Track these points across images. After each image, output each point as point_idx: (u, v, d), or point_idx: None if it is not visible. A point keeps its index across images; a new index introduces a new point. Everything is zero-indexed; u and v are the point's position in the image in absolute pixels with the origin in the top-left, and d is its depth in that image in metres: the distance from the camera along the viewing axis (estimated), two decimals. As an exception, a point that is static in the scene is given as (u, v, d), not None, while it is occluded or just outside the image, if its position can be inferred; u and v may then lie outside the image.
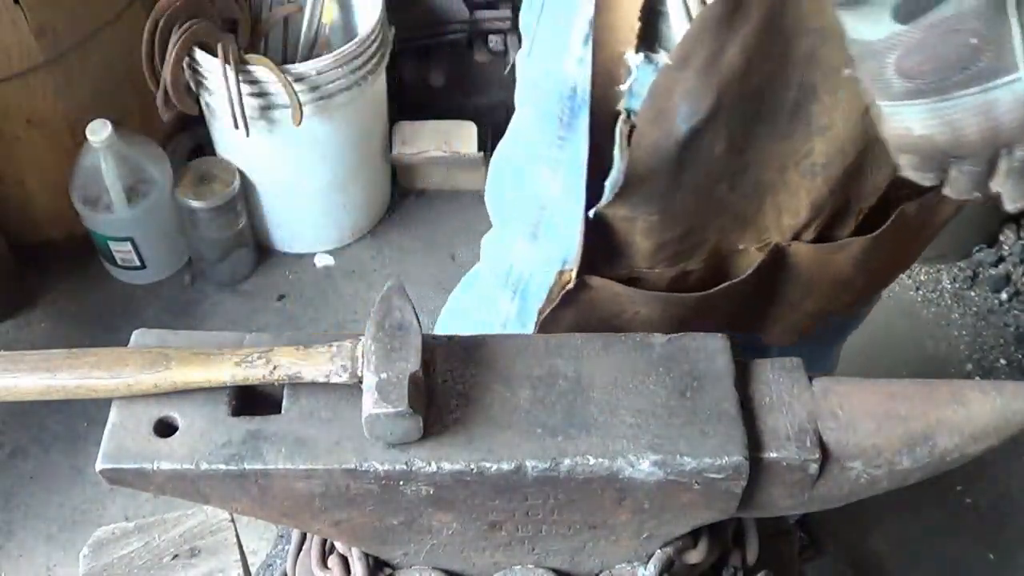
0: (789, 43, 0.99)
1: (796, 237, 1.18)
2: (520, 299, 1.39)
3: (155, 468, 0.88)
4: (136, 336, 0.97)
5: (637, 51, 1.01)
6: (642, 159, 1.05)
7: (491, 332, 1.26)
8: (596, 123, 1.06)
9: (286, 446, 0.88)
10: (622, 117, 1.05)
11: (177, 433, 0.90)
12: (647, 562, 1.00)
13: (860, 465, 0.92)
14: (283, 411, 0.91)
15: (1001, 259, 2.76)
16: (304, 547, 1.09)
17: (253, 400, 0.93)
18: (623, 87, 1.03)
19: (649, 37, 1.02)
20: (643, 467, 0.88)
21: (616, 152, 1.07)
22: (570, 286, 1.16)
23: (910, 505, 2.27)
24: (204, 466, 0.88)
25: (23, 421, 2.37)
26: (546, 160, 1.23)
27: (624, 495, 0.91)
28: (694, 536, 1.01)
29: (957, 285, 2.74)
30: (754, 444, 0.90)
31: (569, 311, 1.20)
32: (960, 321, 2.66)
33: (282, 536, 1.72)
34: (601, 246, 1.15)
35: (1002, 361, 2.57)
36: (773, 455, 0.90)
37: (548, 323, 1.22)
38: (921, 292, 2.73)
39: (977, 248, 2.78)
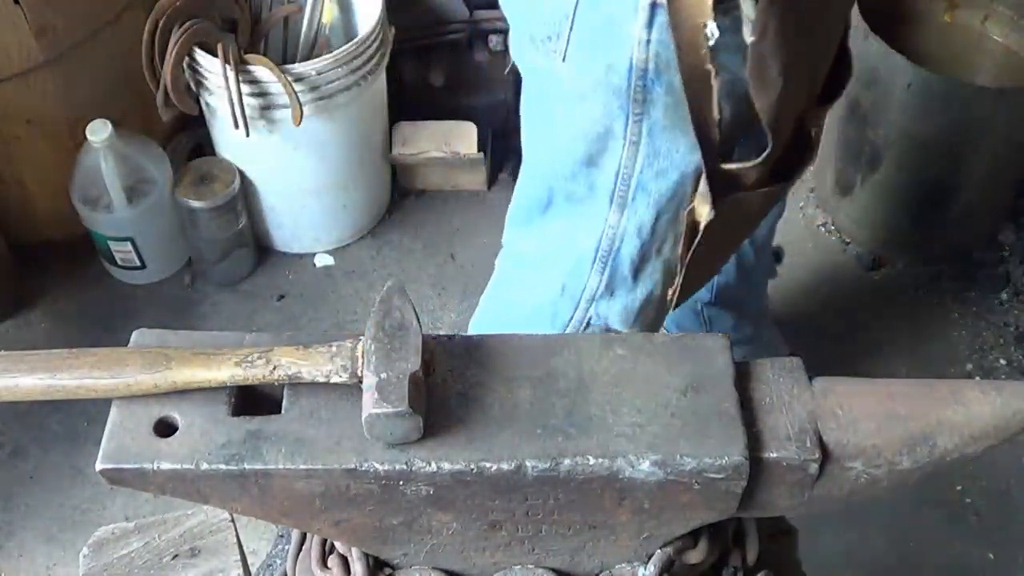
0: None
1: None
2: (610, 269, 1.46)
3: (155, 468, 0.88)
4: (136, 336, 0.97)
5: (715, 19, 1.11)
6: (771, 121, 1.16)
7: (564, 316, 1.52)
8: (688, 85, 1.17)
9: (286, 446, 0.88)
10: (713, 75, 1.13)
11: (177, 433, 0.90)
12: (647, 562, 1.00)
13: (860, 465, 0.92)
14: (283, 411, 0.91)
15: (1001, 259, 2.76)
16: (304, 547, 1.09)
17: (253, 400, 0.93)
18: (705, 51, 1.12)
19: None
20: (643, 467, 0.88)
21: (714, 104, 1.16)
22: (711, 216, 1.24)
23: (910, 505, 2.27)
24: (204, 466, 0.88)
25: (23, 421, 2.37)
26: (623, 139, 1.33)
27: (624, 495, 0.91)
28: (694, 536, 1.01)
29: (957, 285, 2.74)
30: (754, 444, 0.90)
31: (706, 238, 1.28)
32: (960, 321, 2.66)
33: (282, 536, 1.72)
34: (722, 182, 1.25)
35: (1002, 361, 2.57)
36: (773, 455, 0.90)
37: (696, 258, 1.31)
38: (921, 292, 2.73)
39: (977, 248, 2.78)
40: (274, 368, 0.89)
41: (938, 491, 2.30)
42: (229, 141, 2.45)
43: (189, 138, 2.69)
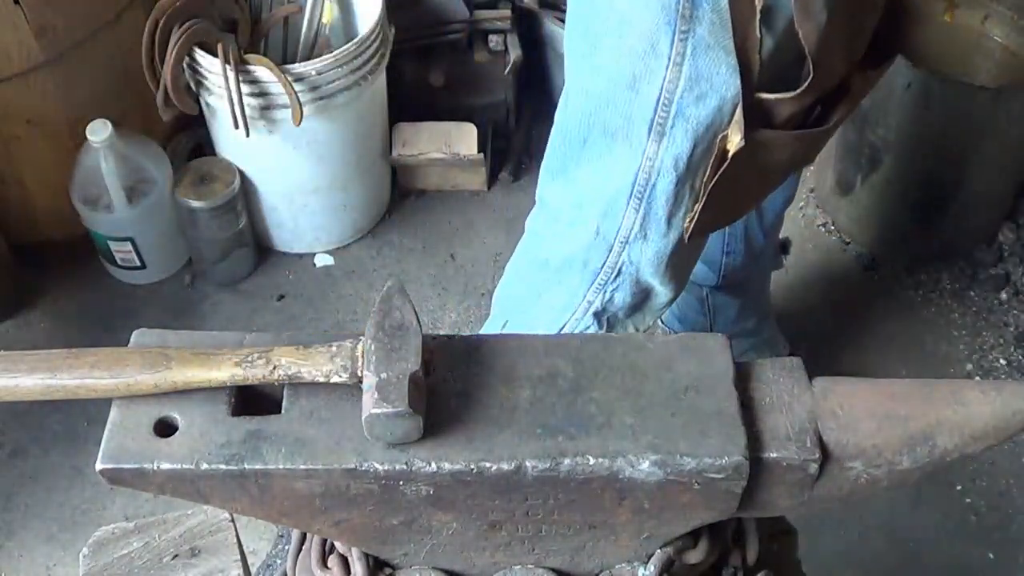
0: None
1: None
2: (645, 206, 1.45)
3: (155, 468, 0.88)
4: (136, 336, 0.97)
5: None
6: (814, 51, 1.20)
7: (590, 261, 1.52)
8: (734, 3, 1.21)
9: (286, 446, 0.88)
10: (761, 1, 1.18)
11: (177, 433, 0.90)
12: (647, 562, 1.00)
13: (860, 465, 0.92)
14: (283, 411, 0.91)
15: (1001, 259, 2.76)
16: (304, 547, 1.09)
17: (253, 400, 0.93)
18: None
19: None
20: (643, 467, 0.88)
21: (757, 25, 1.21)
22: (740, 144, 1.27)
23: (910, 505, 2.27)
24: (204, 466, 0.88)
25: (23, 421, 2.37)
26: (667, 58, 1.32)
27: (624, 495, 0.91)
28: (694, 536, 1.01)
29: (957, 285, 2.74)
30: (754, 444, 0.90)
31: (732, 170, 1.32)
32: (960, 321, 2.66)
33: (282, 536, 1.73)
34: (757, 115, 1.29)
35: (1002, 361, 2.57)
36: (773, 455, 0.90)
37: (719, 191, 1.34)
38: (921, 292, 2.73)
39: (977, 248, 2.78)
40: (274, 368, 0.89)
41: (938, 491, 2.30)
42: (229, 141, 2.45)
43: (189, 138, 2.69)
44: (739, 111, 1.27)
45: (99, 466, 0.88)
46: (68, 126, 2.39)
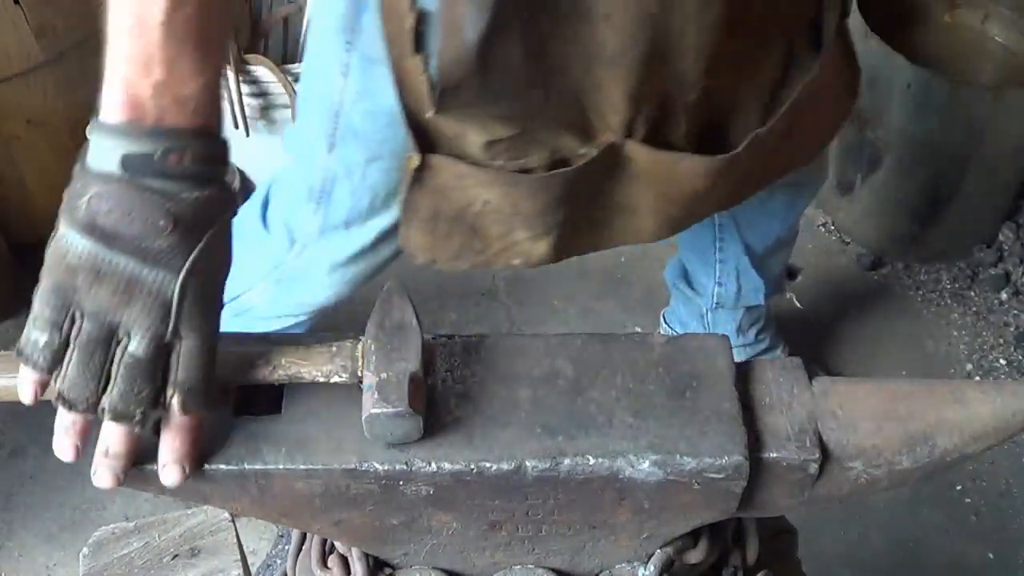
0: None
1: (629, 135, 1.20)
2: (324, 209, 1.46)
3: (155, 468, 0.88)
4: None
5: None
6: (447, 69, 1.09)
7: (274, 258, 1.57)
8: (388, 22, 1.12)
9: (286, 446, 0.88)
10: (409, 17, 1.10)
11: (177, 433, 0.89)
12: (647, 562, 1.00)
13: (860, 465, 0.92)
14: (283, 411, 0.91)
15: (1001, 259, 2.76)
16: (304, 547, 1.09)
17: (253, 400, 0.93)
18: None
19: None
20: (643, 467, 0.88)
21: (412, 44, 1.11)
22: (414, 165, 1.20)
23: (910, 505, 2.27)
24: (204, 466, 0.88)
25: (23, 421, 2.37)
26: (338, 68, 1.29)
27: (624, 495, 0.91)
28: (694, 536, 1.01)
29: (957, 285, 2.74)
30: (754, 444, 0.90)
31: (422, 197, 1.24)
32: (960, 321, 2.66)
33: (282, 536, 1.72)
34: (436, 137, 1.19)
35: (1002, 361, 2.57)
36: (773, 455, 0.90)
37: (407, 210, 1.27)
38: (921, 292, 2.73)
39: (977, 248, 2.78)
40: (274, 368, 0.89)
41: (938, 491, 2.30)
42: (229, 141, 2.45)
43: (189, 138, 2.69)
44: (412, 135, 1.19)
45: (99, 466, 0.88)
46: (68, 126, 2.39)
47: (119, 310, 0.80)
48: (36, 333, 0.85)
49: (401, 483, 0.89)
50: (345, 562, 1.02)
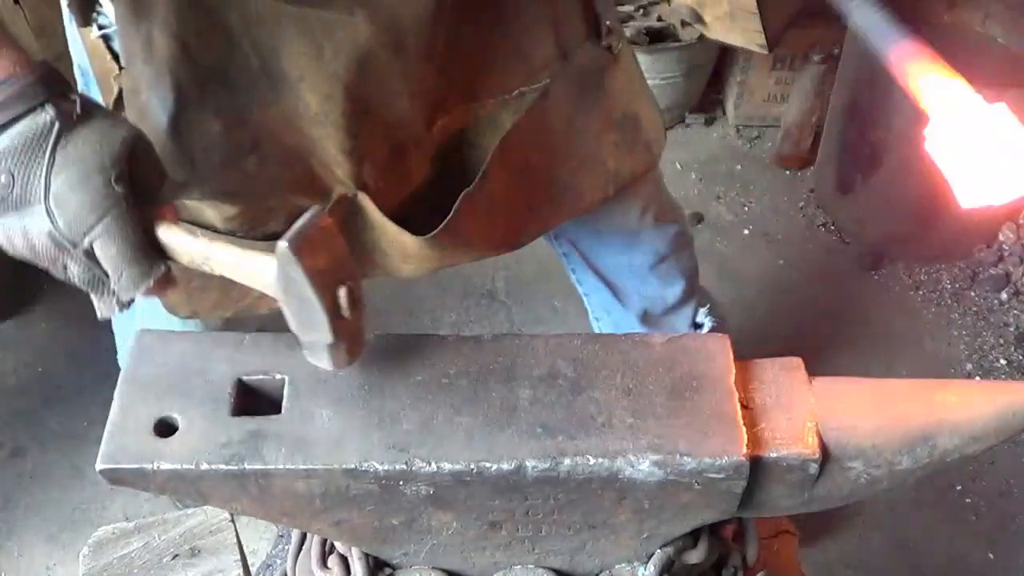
0: (217, 14, 1.03)
1: (363, 188, 1.20)
2: None
3: (155, 468, 0.88)
4: (137, 336, 0.97)
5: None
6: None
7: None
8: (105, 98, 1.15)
9: (286, 446, 0.88)
10: (113, 94, 1.12)
11: (177, 433, 0.90)
12: (647, 562, 1.00)
13: (860, 465, 0.92)
14: (283, 411, 0.91)
15: (1001, 259, 2.76)
16: (304, 547, 1.09)
17: (253, 400, 0.93)
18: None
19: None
20: (643, 467, 0.88)
21: None
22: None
23: (910, 505, 2.27)
24: (204, 466, 0.88)
25: (23, 421, 2.38)
26: None
27: (624, 495, 0.91)
28: (694, 536, 1.01)
29: (957, 285, 2.74)
30: (754, 444, 0.90)
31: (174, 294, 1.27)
32: (960, 321, 2.66)
33: (282, 536, 1.72)
34: (178, 208, 1.19)
35: (1002, 361, 2.57)
36: (773, 455, 0.90)
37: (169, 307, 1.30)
38: (921, 292, 2.73)
39: (977, 248, 2.78)
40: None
41: (938, 491, 2.30)
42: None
43: (189, 138, 2.69)
44: None
45: (99, 466, 0.88)
46: (68, 126, 2.39)
47: (41, 256, 0.95)
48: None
49: (401, 483, 0.89)
50: (345, 562, 1.02)
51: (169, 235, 0.91)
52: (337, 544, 1.03)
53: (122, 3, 1.02)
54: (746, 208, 2.97)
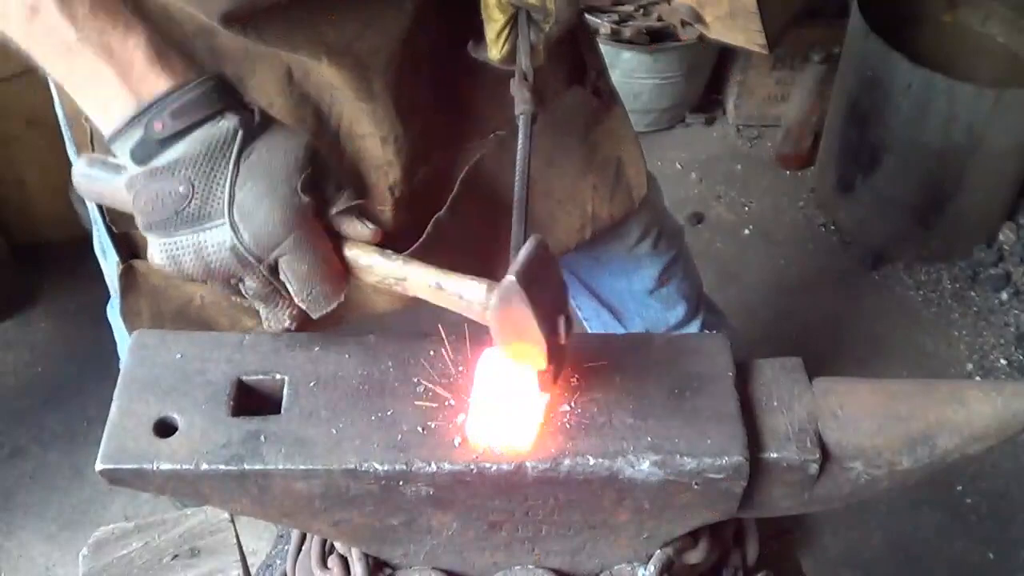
0: (186, 46, 1.08)
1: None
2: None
3: (155, 468, 0.87)
4: (136, 336, 0.97)
5: None
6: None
7: None
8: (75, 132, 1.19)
9: (286, 446, 0.88)
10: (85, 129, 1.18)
11: (177, 433, 0.89)
12: (647, 562, 1.00)
13: (860, 465, 0.92)
14: (283, 411, 0.91)
15: (1001, 259, 2.77)
16: (304, 547, 1.09)
17: (253, 400, 0.93)
18: None
19: None
20: (643, 467, 0.88)
21: None
22: (119, 271, 1.24)
23: (910, 505, 2.27)
24: (204, 466, 0.87)
25: (23, 421, 2.38)
26: None
27: (624, 495, 0.91)
28: (694, 536, 1.00)
29: (957, 285, 2.74)
30: (754, 444, 0.90)
31: (140, 299, 1.27)
32: (960, 321, 2.66)
33: (282, 536, 1.72)
34: (140, 244, 1.21)
35: (1002, 361, 2.57)
36: (773, 455, 0.90)
37: (128, 315, 1.29)
38: (921, 292, 2.73)
39: (977, 248, 2.78)
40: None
41: (938, 491, 2.30)
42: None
43: (189, 138, 2.69)
44: None
45: (99, 467, 0.88)
46: (68, 126, 2.39)
47: (215, 273, 0.87)
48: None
49: (401, 483, 0.89)
50: (345, 562, 1.02)
51: (357, 253, 0.90)
52: (337, 544, 1.03)
53: None
54: (746, 208, 2.97)
